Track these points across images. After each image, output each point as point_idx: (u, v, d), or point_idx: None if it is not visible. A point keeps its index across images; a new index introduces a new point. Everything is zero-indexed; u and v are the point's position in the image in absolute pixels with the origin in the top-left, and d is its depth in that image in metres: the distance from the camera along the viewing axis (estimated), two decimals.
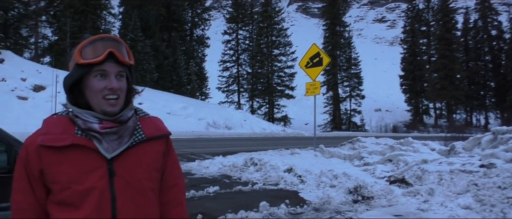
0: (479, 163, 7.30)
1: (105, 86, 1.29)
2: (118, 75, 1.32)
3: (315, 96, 13.72)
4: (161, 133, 1.42)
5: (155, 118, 1.47)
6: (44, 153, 1.27)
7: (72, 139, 1.27)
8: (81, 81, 1.32)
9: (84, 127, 1.28)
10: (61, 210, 1.27)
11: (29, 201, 1.30)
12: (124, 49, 1.36)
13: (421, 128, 48.34)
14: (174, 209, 1.47)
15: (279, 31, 45.27)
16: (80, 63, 1.30)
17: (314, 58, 13.72)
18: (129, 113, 1.36)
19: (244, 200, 6.83)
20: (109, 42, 1.32)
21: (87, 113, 1.30)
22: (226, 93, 46.00)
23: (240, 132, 26.79)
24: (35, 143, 1.28)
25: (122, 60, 1.32)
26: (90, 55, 1.29)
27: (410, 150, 11.26)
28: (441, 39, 50.13)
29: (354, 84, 47.91)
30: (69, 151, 1.26)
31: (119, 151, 1.30)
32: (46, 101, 19.73)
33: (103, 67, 1.29)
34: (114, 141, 1.30)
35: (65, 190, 1.25)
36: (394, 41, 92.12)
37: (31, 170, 1.28)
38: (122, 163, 1.31)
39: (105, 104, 1.29)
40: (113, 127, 1.30)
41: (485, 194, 6.23)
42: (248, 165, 10.14)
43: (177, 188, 1.49)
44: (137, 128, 1.36)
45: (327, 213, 6.24)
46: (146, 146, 1.37)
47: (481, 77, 58.17)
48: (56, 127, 1.30)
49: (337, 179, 8.26)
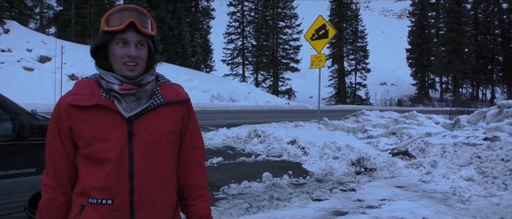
0: (483, 136, 7.29)
1: (125, 54, 1.38)
2: (138, 44, 1.40)
3: (320, 69, 13.64)
4: (180, 98, 1.51)
5: (176, 85, 1.55)
6: (72, 111, 1.40)
7: (97, 100, 1.39)
8: (106, 46, 1.42)
9: (106, 88, 1.40)
10: (87, 164, 1.40)
11: (60, 149, 1.45)
12: (147, 20, 1.44)
13: (427, 102, 48.09)
14: (194, 170, 1.57)
15: (285, 3, 44.54)
16: (104, 30, 1.40)
17: (320, 30, 13.56)
18: (149, 78, 1.45)
19: (247, 171, 6.91)
20: (133, 12, 1.41)
21: (110, 75, 1.41)
22: (231, 66, 45.77)
23: (245, 104, 26.83)
24: (66, 102, 1.41)
25: (142, 30, 1.40)
26: (115, 23, 1.39)
27: (414, 123, 11.25)
28: (450, 12, 49.13)
29: (360, 57, 47.43)
30: (94, 110, 1.39)
31: (136, 111, 1.40)
32: (52, 72, 19.75)
33: (124, 35, 1.39)
34: (133, 102, 1.40)
35: (89, 146, 1.38)
36: (402, 14, 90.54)
37: (62, 126, 1.42)
38: (141, 125, 1.41)
39: (124, 69, 1.39)
40: (132, 89, 1.39)
41: (487, 166, 6.26)
42: (251, 137, 10.20)
43: (198, 150, 1.58)
44: (156, 93, 1.46)
45: (329, 184, 6.31)
46: (165, 110, 1.46)
47: (489, 51, 57.30)
48: (84, 89, 1.42)
49: (340, 151, 8.31)
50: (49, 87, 17.38)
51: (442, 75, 51.71)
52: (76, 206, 1.42)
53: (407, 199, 5.38)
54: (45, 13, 35.48)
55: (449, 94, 51.48)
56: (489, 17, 56.86)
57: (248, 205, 5.01)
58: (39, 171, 3.42)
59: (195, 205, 1.56)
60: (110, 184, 1.37)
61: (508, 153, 6.37)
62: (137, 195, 1.39)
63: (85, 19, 33.31)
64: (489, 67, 56.41)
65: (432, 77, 55.11)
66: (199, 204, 1.56)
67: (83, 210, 1.39)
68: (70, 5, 32.28)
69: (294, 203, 5.15)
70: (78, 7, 32.22)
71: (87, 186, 1.39)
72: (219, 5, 49.39)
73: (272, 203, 5.11)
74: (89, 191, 1.38)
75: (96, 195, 1.38)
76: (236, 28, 46.10)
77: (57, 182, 1.46)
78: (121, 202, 1.38)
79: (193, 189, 1.56)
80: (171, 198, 1.49)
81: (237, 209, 4.87)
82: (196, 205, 1.55)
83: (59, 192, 1.46)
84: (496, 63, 56.36)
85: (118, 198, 1.37)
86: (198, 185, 1.57)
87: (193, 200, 1.56)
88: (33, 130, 3.52)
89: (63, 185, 1.46)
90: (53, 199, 1.46)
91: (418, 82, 53.66)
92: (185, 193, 1.56)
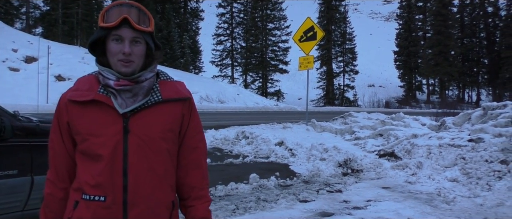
0: (468, 138, 7.39)
1: (120, 50, 1.38)
2: (133, 40, 1.39)
3: (308, 71, 13.69)
4: (180, 96, 1.48)
5: (177, 82, 1.54)
6: (70, 107, 1.42)
7: (94, 96, 1.39)
8: (105, 42, 1.42)
9: (103, 83, 1.40)
10: (83, 160, 1.41)
11: (59, 145, 1.47)
12: (144, 16, 1.42)
13: (414, 104, 48.58)
14: (195, 170, 1.54)
15: (274, 5, 44.62)
16: (101, 26, 1.40)
17: (308, 32, 13.61)
18: (147, 75, 1.43)
19: (235, 172, 6.89)
20: (127, 8, 1.39)
21: (107, 71, 1.40)
22: (220, 67, 45.67)
23: (233, 106, 26.79)
24: (66, 98, 1.44)
25: (135, 26, 1.38)
26: (111, 19, 1.38)
27: (401, 125, 11.36)
28: (437, 15, 49.75)
29: (348, 59, 47.74)
30: (91, 106, 1.40)
31: (132, 108, 1.39)
32: (38, 72, 19.47)
33: (118, 32, 1.38)
34: (129, 98, 1.39)
35: (85, 141, 1.39)
36: (390, 16, 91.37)
37: (62, 121, 1.45)
38: (137, 121, 1.40)
39: (119, 65, 1.38)
40: (127, 85, 1.38)
41: (472, 168, 6.34)
42: (239, 138, 10.19)
43: (198, 151, 1.55)
44: (154, 90, 1.44)
45: (316, 185, 6.33)
46: (163, 107, 1.44)
47: (475, 54, 58.17)
48: (84, 85, 1.44)
49: (327, 152, 8.34)
50: (35, 88, 17.13)
51: (429, 77, 52.32)
52: (71, 201, 1.43)
53: (393, 200, 5.42)
54: (32, 13, 35.03)
55: (436, 96, 52.12)
56: (474, 20, 57.78)
57: (234, 206, 5.00)
58: (22, 173, 3.36)
59: (194, 206, 1.53)
60: (103, 181, 1.36)
61: (492, 154, 6.46)
62: (130, 193, 1.37)
63: (73, 19, 32.96)
64: (474, 69, 57.28)
65: (419, 79, 55.72)
66: (198, 205, 1.53)
67: (77, 206, 1.40)
68: (57, 5, 31.89)
69: (281, 205, 5.15)
70: (65, 7, 31.85)
71: (82, 182, 1.39)
72: (208, 6, 49.28)
73: (258, 205, 5.10)
74: (84, 187, 1.39)
75: (90, 192, 1.37)
76: (225, 30, 46.02)
77: (56, 177, 1.48)
78: (113, 199, 1.36)
79: (193, 190, 1.53)
80: (166, 198, 1.46)
81: (224, 210, 4.85)
82: (195, 207, 1.53)
83: (58, 187, 1.48)
84: (481, 66, 57.25)
85: (111, 195, 1.36)
86: (198, 186, 1.54)
87: (192, 201, 1.53)
88: (15, 131, 3.46)
89: (62, 180, 1.47)
90: (52, 193, 1.48)
91: (405, 84, 54.23)
92: (185, 193, 1.54)
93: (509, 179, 5.71)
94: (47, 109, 16.89)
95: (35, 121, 3.62)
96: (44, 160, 3.50)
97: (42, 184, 3.53)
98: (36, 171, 3.40)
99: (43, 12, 34.41)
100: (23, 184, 3.35)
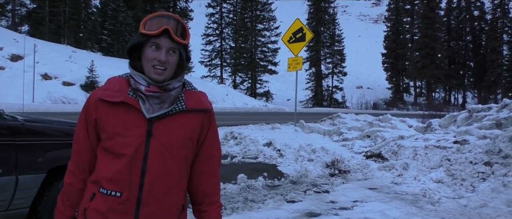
0: (453, 140, 7.49)
1: (156, 57, 1.45)
2: (170, 50, 1.47)
3: (297, 72, 13.74)
4: (203, 107, 1.56)
5: (201, 93, 1.61)
6: (100, 105, 1.49)
7: (123, 98, 1.46)
8: (141, 48, 1.49)
9: (134, 87, 1.48)
10: (105, 156, 1.49)
11: (84, 139, 1.54)
12: (182, 29, 1.51)
13: (401, 105, 49.11)
14: (210, 178, 1.63)
15: (264, 6, 44.75)
16: (141, 32, 1.47)
17: (297, 33, 13.67)
18: (176, 84, 1.51)
19: (222, 173, 6.85)
20: (171, 20, 1.48)
21: (139, 75, 1.48)
22: (209, 67, 45.61)
23: (222, 106, 26.77)
24: (96, 96, 1.50)
25: (175, 38, 1.46)
26: (152, 28, 1.46)
27: (388, 126, 11.47)
28: (425, 18, 50.42)
29: (337, 61, 48.07)
30: (119, 107, 1.47)
31: (157, 114, 1.46)
32: (24, 71, 19.22)
33: (157, 40, 1.46)
34: (156, 104, 1.46)
35: (110, 139, 1.47)
36: (379, 19, 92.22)
37: (89, 117, 1.52)
38: (160, 127, 1.47)
39: (152, 71, 1.46)
40: (157, 92, 1.46)
41: (456, 169, 6.43)
42: (228, 139, 10.18)
43: (214, 160, 1.64)
44: (180, 99, 1.52)
45: (303, 185, 6.36)
46: (186, 116, 1.52)
47: (461, 57, 59.10)
48: (114, 85, 1.51)
49: (315, 153, 8.39)
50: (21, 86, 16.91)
51: (416, 79, 52.99)
52: (89, 193, 1.51)
53: (379, 201, 5.48)
54: (18, 11, 34.54)
55: (423, 98, 52.75)
56: (461, 23, 58.70)
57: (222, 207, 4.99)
58: (6, 172, 3.32)
59: (207, 212, 1.62)
60: (122, 178, 1.44)
61: (476, 156, 6.56)
62: (145, 192, 1.45)
63: (60, 18, 32.59)
64: (460, 72, 58.18)
65: (407, 82, 56.38)
66: (211, 211, 1.62)
67: (94, 198, 1.48)
68: (44, 3, 31.50)
69: (268, 205, 5.17)
70: (52, 5, 31.50)
71: (101, 176, 1.47)
72: (197, 6, 49.13)
73: (246, 205, 5.11)
74: (101, 181, 1.47)
75: (107, 186, 1.45)
76: (215, 30, 45.97)
77: (77, 169, 1.56)
78: (129, 196, 1.44)
79: (206, 196, 1.62)
80: (178, 201, 1.54)
81: None
82: (208, 212, 1.62)
83: (78, 178, 1.55)
84: (467, 69, 58.18)
85: (127, 192, 1.44)
86: (211, 193, 1.63)
87: (205, 206, 1.62)
88: (0, 130, 3.42)
89: (82, 172, 1.55)
90: (72, 183, 1.56)
91: (393, 86, 54.81)
92: (198, 198, 1.63)
93: (493, 181, 5.80)
94: (33, 108, 16.68)
95: (21, 120, 3.57)
96: (30, 159, 3.49)
97: (27, 183, 3.50)
98: (21, 171, 3.36)
99: (30, 10, 33.97)
100: (7, 184, 3.31)
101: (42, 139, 3.62)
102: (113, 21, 34.23)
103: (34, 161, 3.48)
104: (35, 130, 3.67)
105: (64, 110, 16.44)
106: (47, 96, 20.92)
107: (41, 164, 3.52)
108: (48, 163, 3.56)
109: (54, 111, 16.09)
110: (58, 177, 3.57)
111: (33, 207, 3.53)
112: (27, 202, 3.46)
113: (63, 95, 21.74)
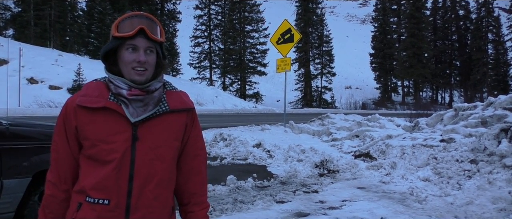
0: (440, 138, 7.59)
1: (134, 59, 1.42)
2: (147, 50, 1.44)
3: (286, 73, 13.78)
4: (185, 106, 1.54)
5: (182, 93, 1.59)
6: (79, 112, 1.44)
7: (105, 103, 1.42)
8: (116, 52, 1.46)
9: (115, 92, 1.43)
10: (89, 164, 1.44)
11: (64, 148, 1.48)
12: (156, 27, 1.47)
13: (389, 105, 49.52)
14: (195, 177, 1.60)
15: (252, 7, 44.71)
16: (115, 36, 1.43)
17: (285, 34, 13.72)
18: (156, 85, 1.48)
19: (212, 174, 6.87)
20: (143, 19, 1.44)
21: (119, 80, 1.44)
22: (198, 69, 45.40)
23: (212, 108, 26.70)
24: (74, 102, 1.45)
25: (151, 36, 1.43)
26: (126, 29, 1.42)
27: (376, 126, 11.57)
28: (411, 18, 50.96)
29: (326, 61, 48.24)
30: (101, 113, 1.42)
31: (142, 117, 1.43)
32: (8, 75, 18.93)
33: (133, 41, 1.42)
34: (139, 107, 1.43)
35: (94, 147, 1.42)
36: (366, 19, 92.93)
37: (69, 125, 1.46)
38: (145, 130, 1.44)
39: (133, 73, 1.42)
40: (140, 95, 1.43)
41: (443, 167, 6.51)
42: (217, 140, 10.17)
43: (199, 158, 1.62)
44: (162, 100, 1.49)
45: (293, 186, 6.38)
46: (170, 117, 1.49)
47: (447, 56, 59.88)
48: (93, 91, 1.46)
49: (304, 153, 8.42)
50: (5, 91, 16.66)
51: (404, 79, 53.47)
52: (74, 203, 1.46)
53: (367, 200, 5.52)
54: (2, 15, 34.06)
55: (411, 97, 53.26)
56: (447, 23, 59.48)
57: (211, 208, 4.98)
58: None
59: (194, 212, 1.59)
60: (108, 185, 1.40)
61: (462, 154, 6.65)
62: (134, 197, 1.42)
63: (45, 21, 32.19)
64: (447, 71, 58.93)
65: (395, 81, 56.86)
66: (197, 211, 1.59)
67: (80, 208, 1.43)
68: (29, 6, 31.10)
69: (258, 206, 5.17)
70: (37, 8, 31.09)
71: (86, 185, 1.42)
72: (185, 8, 48.99)
73: (235, 206, 5.11)
74: (87, 190, 1.42)
75: (94, 195, 1.41)
76: (203, 32, 45.79)
77: (58, 179, 1.50)
78: (117, 203, 1.41)
79: (193, 196, 1.59)
80: (168, 203, 1.52)
81: None
82: (195, 212, 1.59)
83: (59, 189, 1.49)
84: (453, 68, 58.95)
85: (115, 199, 1.41)
86: (197, 192, 1.60)
87: (192, 206, 1.59)
88: None
89: (64, 182, 1.50)
90: (54, 195, 1.50)
91: (381, 86, 55.22)
92: (184, 199, 1.60)
93: (478, 178, 5.89)
94: (18, 113, 16.47)
95: (5, 124, 3.53)
96: (14, 163, 3.45)
97: (11, 188, 3.47)
98: (5, 175, 3.32)
99: (14, 14, 33.49)
100: None
101: (27, 143, 3.59)
102: (100, 24, 33.92)
103: (19, 165, 3.45)
104: (20, 134, 3.64)
105: (51, 114, 16.25)
106: (34, 100, 20.65)
107: (27, 168, 3.49)
108: (34, 167, 3.53)
109: (41, 115, 15.91)
110: (44, 181, 3.54)
111: (18, 211, 3.49)
112: (13, 207, 3.42)
113: (50, 99, 21.48)
